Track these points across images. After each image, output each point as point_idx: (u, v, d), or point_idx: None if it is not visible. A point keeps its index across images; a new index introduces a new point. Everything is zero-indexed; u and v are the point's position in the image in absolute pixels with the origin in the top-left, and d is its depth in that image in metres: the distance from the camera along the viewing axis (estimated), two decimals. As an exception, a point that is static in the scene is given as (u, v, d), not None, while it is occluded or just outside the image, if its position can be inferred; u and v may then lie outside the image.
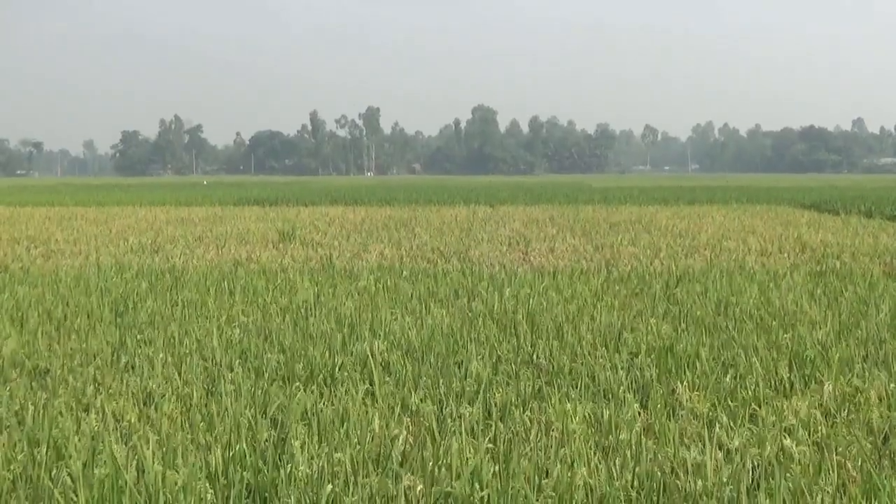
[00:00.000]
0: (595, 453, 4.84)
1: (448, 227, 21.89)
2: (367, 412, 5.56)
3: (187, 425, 5.39)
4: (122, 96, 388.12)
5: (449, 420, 5.45)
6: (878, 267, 13.03)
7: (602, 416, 5.44)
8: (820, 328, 8.10)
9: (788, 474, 4.44)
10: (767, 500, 4.13)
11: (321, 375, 6.55)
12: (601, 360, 6.91)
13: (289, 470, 4.52)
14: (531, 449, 4.88)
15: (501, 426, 5.29)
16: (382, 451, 4.83)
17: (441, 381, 6.32)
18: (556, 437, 5.07)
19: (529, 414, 5.57)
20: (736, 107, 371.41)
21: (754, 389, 6.04)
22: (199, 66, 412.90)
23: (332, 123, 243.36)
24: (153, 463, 4.55)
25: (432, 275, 12.19)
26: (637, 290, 10.62)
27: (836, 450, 4.79)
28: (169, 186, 71.69)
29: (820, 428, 5.25)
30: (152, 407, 5.82)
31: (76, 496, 4.26)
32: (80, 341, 7.84)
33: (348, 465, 4.54)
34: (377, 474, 4.53)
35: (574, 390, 6.13)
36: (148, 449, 4.75)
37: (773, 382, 6.31)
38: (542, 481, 4.42)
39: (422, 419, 5.43)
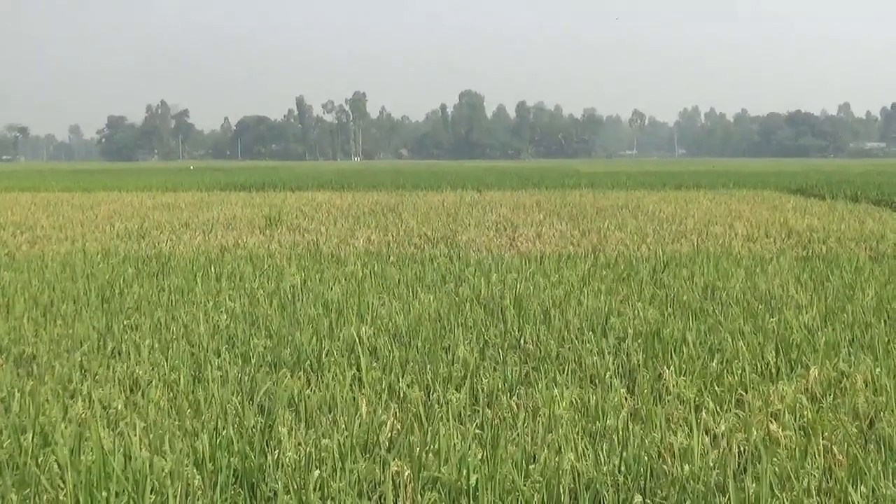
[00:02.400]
0: (582, 438, 4.84)
1: (435, 213, 21.86)
2: (354, 398, 5.56)
3: (174, 412, 5.38)
4: (108, 81, 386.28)
5: (436, 405, 5.46)
6: (863, 251, 13.08)
7: (589, 402, 5.45)
8: (806, 312, 8.13)
9: (775, 459, 4.46)
10: (754, 485, 4.15)
11: (308, 361, 6.54)
12: (588, 345, 6.92)
13: (276, 456, 4.52)
14: (518, 434, 4.89)
15: (489, 412, 5.30)
16: (370, 436, 4.84)
17: (428, 366, 6.32)
18: (543, 423, 5.08)
19: (516, 399, 5.58)
20: (723, 92, 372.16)
21: (741, 374, 6.06)
22: (186, 51, 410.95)
23: (318, 108, 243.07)
24: (140, 449, 4.54)
25: (419, 260, 12.19)
26: (624, 275, 10.64)
27: (822, 434, 4.81)
28: (155, 172, 71.32)
29: (806, 412, 5.26)
30: (139, 393, 5.80)
31: (63, 483, 4.25)
32: (66, 327, 7.80)
33: (336, 450, 4.53)
34: (365, 460, 4.54)
35: (561, 375, 6.14)
36: (135, 435, 4.74)
37: (759, 367, 6.33)
38: (530, 467, 4.42)
39: (409, 405, 5.43)
